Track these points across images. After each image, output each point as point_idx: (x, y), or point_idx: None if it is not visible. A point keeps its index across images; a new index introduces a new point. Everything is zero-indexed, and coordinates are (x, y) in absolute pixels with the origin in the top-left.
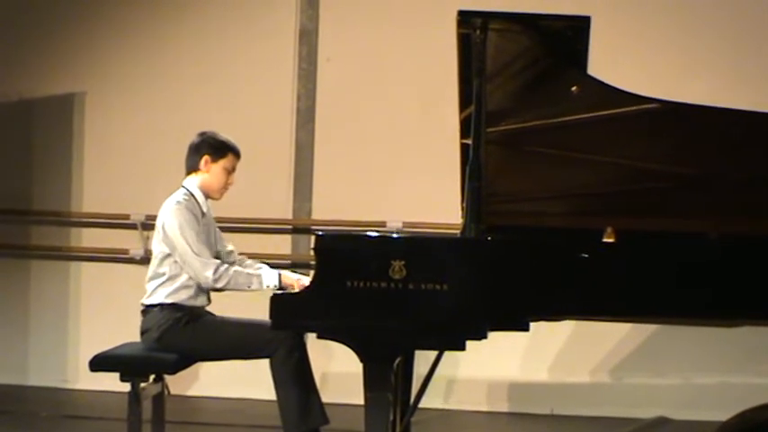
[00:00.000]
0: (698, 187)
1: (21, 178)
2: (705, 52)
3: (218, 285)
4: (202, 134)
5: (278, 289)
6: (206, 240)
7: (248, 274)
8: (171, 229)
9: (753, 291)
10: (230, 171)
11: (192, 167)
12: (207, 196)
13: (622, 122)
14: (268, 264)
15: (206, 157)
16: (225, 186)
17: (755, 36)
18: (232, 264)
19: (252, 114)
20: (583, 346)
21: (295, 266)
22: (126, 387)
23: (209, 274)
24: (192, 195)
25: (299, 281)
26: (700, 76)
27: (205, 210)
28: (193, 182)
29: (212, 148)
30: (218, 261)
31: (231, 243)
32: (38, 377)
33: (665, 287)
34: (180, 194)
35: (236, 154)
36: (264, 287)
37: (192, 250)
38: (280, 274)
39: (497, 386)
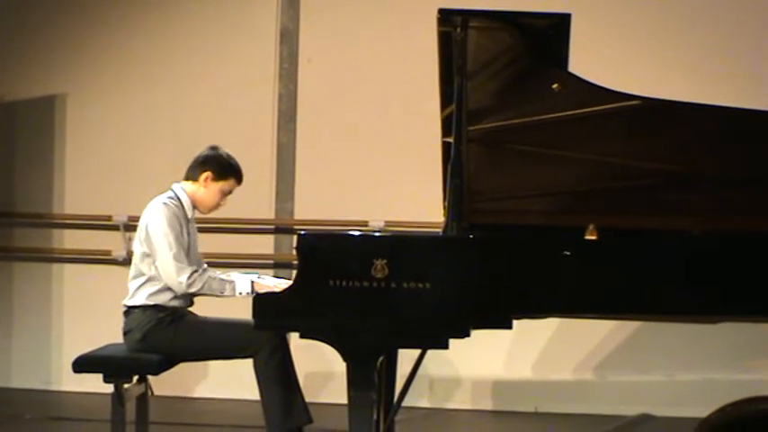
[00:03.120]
0: (680, 184)
1: (2, 180)
2: (685, 51)
3: (191, 290)
4: (214, 149)
5: (250, 295)
6: (187, 245)
7: (221, 279)
8: (153, 230)
9: (736, 287)
10: (226, 194)
11: (190, 176)
12: (194, 206)
13: (604, 120)
14: (251, 264)
15: (208, 174)
16: (216, 206)
17: (736, 35)
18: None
19: (233, 115)
20: (566, 343)
21: (278, 266)
22: (109, 388)
23: (182, 279)
24: (179, 199)
25: (275, 287)
26: (679, 75)
27: (190, 216)
28: (184, 188)
29: (218, 166)
30: (194, 267)
31: (214, 243)
32: (21, 379)
33: (647, 284)
34: (165, 197)
35: (239, 180)
36: (237, 294)
37: (171, 253)
38: (252, 281)
39: (481, 384)
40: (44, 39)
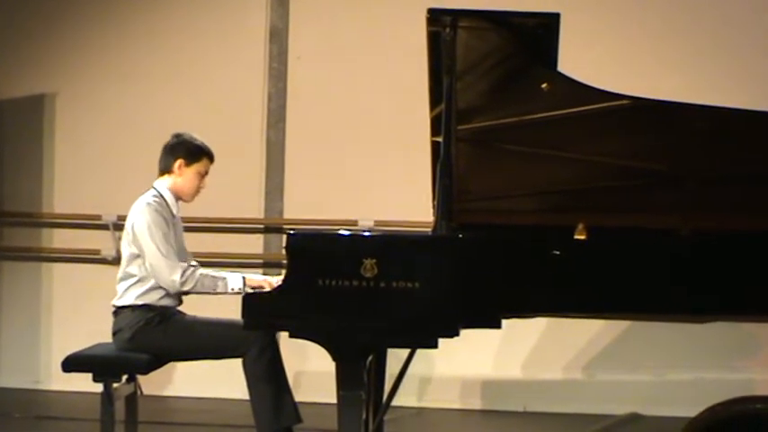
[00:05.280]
0: (669, 184)
1: None
2: (676, 50)
3: (185, 288)
4: (178, 136)
5: (243, 291)
6: (174, 243)
7: (213, 277)
8: (140, 230)
9: (724, 287)
10: (203, 175)
11: (164, 169)
12: (178, 198)
13: (593, 119)
14: (240, 264)
15: (180, 161)
16: (197, 190)
17: (730, 34)
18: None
19: (223, 114)
20: (555, 343)
21: (267, 266)
22: (98, 388)
23: (176, 278)
24: (162, 197)
25: (266, 281)
26: (673, 74)
27: (175, 212)
28: (164, 183)
29: (187, 151)
30: (185, 264)
31: (203, 243)
32: (10, 378)
33: (636, 283)
34: (149, 196)
35: (211, 158)
36: (229, 290)
37: (160, 252)
38: (243, 277)
39: (470, 384)
40: (33, 38)
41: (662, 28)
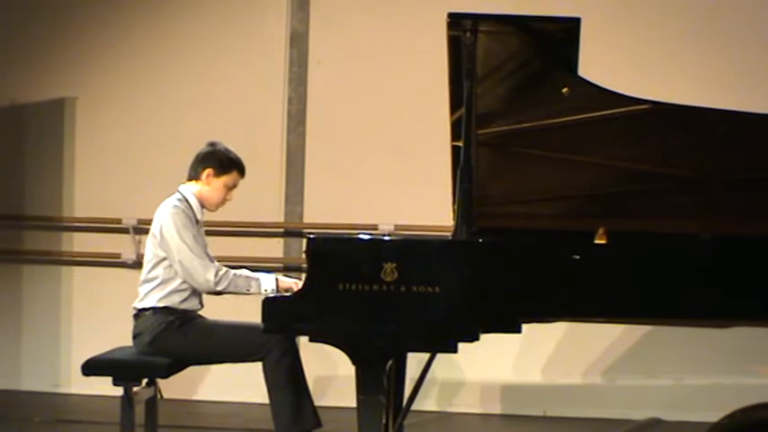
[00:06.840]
0: (689, 188)
1: (13, 183)
2: (696, 54)
3: (219, 288)
4: (213, 145)
5: (275, 292)
6: (201, 245)
7: (247, 277)
8: (169, 232)
9: (744, 291)
10: (231, 188)
11: (193, 176)
12: (202, 206)
13: (613, 124)
14: (260, 267)
15: (209, 170)
16: (222, 202)
17: (746, 37)
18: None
19: (243, 118)
20: (575, 347)
21: (287, 270)
22: (119, 391)
23: (210, 277)
24: (187, 201)
25: (296, 283)
26: (690, 78)
27: (199, 217)
28: (190, 189)
29: (218, 162)
30: (218, 264)
31: (223, 247)
32: (30, 382)
33: (656, 288)
34: (175, 199)
35: (241, 172)
36: (262, 291)
37: (193, 253)
38: (276, 278)
39: (490, 388)
40: (54, 42)
41: (679, 32)
